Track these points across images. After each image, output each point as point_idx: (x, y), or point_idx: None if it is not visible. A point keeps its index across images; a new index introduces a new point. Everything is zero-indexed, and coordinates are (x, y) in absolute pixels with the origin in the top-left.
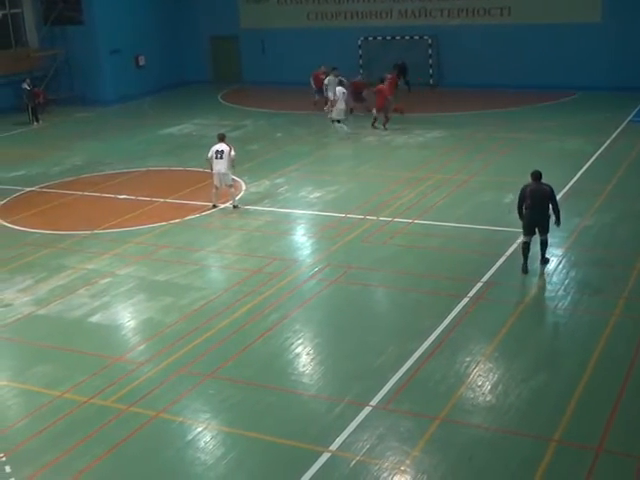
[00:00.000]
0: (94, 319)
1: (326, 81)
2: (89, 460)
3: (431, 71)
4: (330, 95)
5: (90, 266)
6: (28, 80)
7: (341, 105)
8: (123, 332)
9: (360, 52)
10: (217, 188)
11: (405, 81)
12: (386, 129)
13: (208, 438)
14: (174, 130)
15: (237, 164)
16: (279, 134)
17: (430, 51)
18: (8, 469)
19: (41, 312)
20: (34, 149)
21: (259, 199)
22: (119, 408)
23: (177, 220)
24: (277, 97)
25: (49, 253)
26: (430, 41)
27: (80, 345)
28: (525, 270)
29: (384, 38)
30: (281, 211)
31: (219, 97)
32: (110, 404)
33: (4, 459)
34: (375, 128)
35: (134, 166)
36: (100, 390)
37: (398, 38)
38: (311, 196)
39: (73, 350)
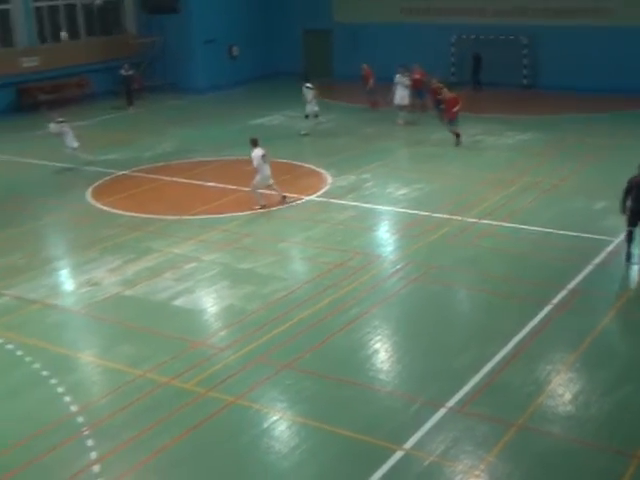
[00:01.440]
0: (178, 302)
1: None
2: (167, 439)
3: (525, 72)
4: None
5: (176, 250)
6: (126, 66)
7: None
8: (205, 317)
9: (453, 50)
10: (270, 186)
11: (476, 78)
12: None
13: (283, 427)
14: (264, 121)
15: (324, 156)
16: (368, 129)
17: (525, 51)
18: (90, 443)
19: (128, 293)
20: (128, 133)
21: (344, 193)
22: (198, 391)
23: (262, 210)
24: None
25: (138, 236)
26: (526, 41)
27: (163, 327)
28: (628, 257)
29: (477, 37)
30: (366, 206)
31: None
32: (190, 387)
33: (87, 433)
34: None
35: (223, 154)
36: (180, 372)
37: (492, 37)
38: (397, 193)
39: (156, 332)
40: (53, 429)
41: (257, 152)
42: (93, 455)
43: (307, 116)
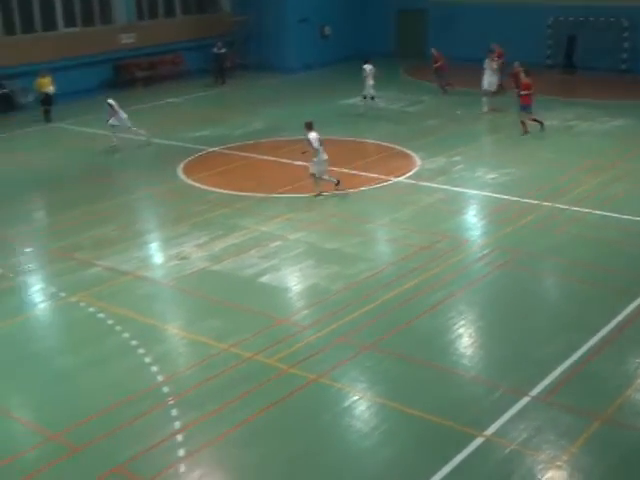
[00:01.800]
0: (263, 279)
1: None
2: (249, 414)
3: (624, 56)
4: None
5: (263, 228)
6: (219, 44)
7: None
8: (289, 295)
9: (549, 32)
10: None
11: (569, 61)
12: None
13: (363, 407)
14: (354, 101)
15: (413, 138)
16: (459, 111)
17: (626, 34)
18: (174, 412)
19: (215, 268)
20: (219, 111)
21: (433, 176)
22: (281, 367)
23: (350, 190)
24: (460, 74)
25: (226, 212)
26: (627, 24)
27: (248, 303)
28: None
29: (576, 19)
30: (455, 189)
31: (401, 71)
32: (272, 363)
33: (172, 402)
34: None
35: None
36: (264, 348)
37: (592, 19)
38: (486, 177)
39: (242, 307)
40: (140, 397)
41: (314, 135)
42: (177, 425)
43: (365, 97)
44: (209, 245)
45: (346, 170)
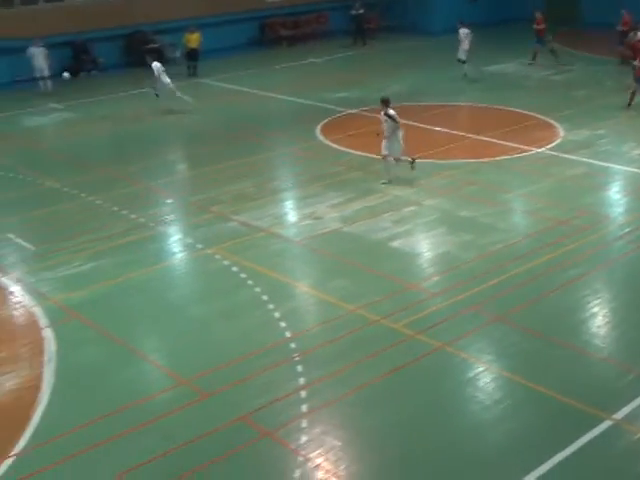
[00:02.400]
0: (395, 244)
1: None
2: (372, 377)
3: None
4: None
5: (397, 193)
6: (357, 5)
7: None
8: (420, 261)
9: None
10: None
11: None
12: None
13: (488, 379)
14: (498, 68)
15: (557, 109)
16: (609, 82)
17: None
18: (300, 369)
19: (346, 229)
20: (359, 72)
21: (576, 148)
22: (406, 333)
23: (488, 159)
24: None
25: (361, 175)
26: None
27: (378, 266)
28: None
29: None
30: (598, 163)
31: (552, 38)
32: (399, 327)
33: (298, 359)
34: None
35: (453, 100)
36: (391, 312)
37: None
38: (633, 152)
39: (371, 270)
40: (267, 351)
41: (392, 112)
42: (301, 381)
43: (460, 60)
44: (342, 206)
45: (484, 138)
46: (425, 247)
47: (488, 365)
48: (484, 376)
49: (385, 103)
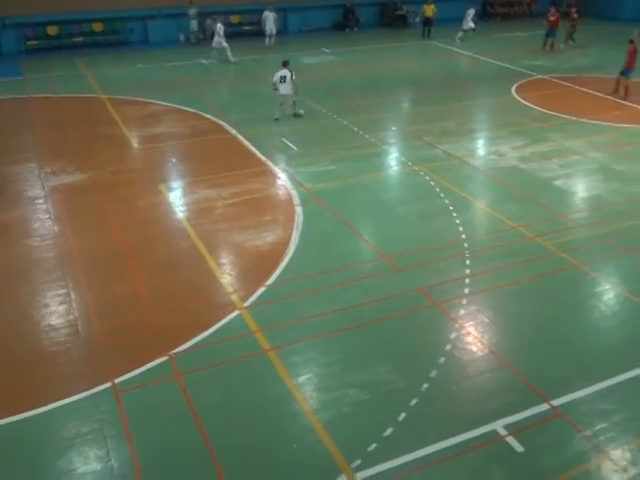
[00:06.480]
0: (557, 182)
1: None
2: (520, 277)
3: None
4: None
5: (566, 144)
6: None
7: None
8: (575, 198)
9: None
10: (282, 104)
11: None
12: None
13: (610, 296)
14: None
15: None
16: None
17: None
18: (468, 262)
19: (521, 166)
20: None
21: None
22: (553, 250)
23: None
24: None
25: (540, 126)
26: None
27: (541, 197)
28: None
29: None
30: None
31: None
32: (548, 245)
33: (467, 255)
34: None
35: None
36: (544, 233)
37: None
38: None
39: (534, 199)
40: (446, 246)
41: (279, 73)
42: (467, 271)
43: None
44: (521, 149)
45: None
46: (581, 188)
47: (613, 285)
48: (608, 293)
49: (283, 65)
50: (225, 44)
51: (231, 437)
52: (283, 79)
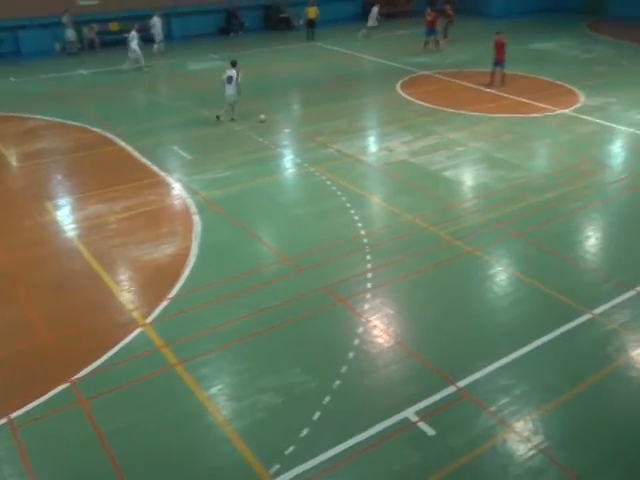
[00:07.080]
0: (446, 173)
1: None
2: (419, 267)
3: None
4: None
5: (451, 136)
6: None
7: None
8: (463, 188)
9: None
10: (230, 106)
11: None
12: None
13: (503, 277)
14: (540, 46)
15: (582, 80)
16: (625, 62)
17: None
18: (368, 257)
19: (411, 160)
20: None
21: (592, 111)
22: (446, 239)
23: (522, 115)
24: None
25: (426, 121)
26: None
27: (432, 189)
28: None
29: None
30: (607, 124)
31: (585, 25)
32: (442, 234)
33: (367, 250)
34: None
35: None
36: (437, 222)
37: None
38: (636, 117)
39: (426, 191)
40: (346, 242)
41: (227, 73)
42: (369, 265)
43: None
44: (410, 143)
45: (522, 99)
46: (468, 177)
47: (505, 267)
48: (501, 274)
49: (231, 65)
50: (139, 51)
51: (143, 456)
52: (229, 80)
